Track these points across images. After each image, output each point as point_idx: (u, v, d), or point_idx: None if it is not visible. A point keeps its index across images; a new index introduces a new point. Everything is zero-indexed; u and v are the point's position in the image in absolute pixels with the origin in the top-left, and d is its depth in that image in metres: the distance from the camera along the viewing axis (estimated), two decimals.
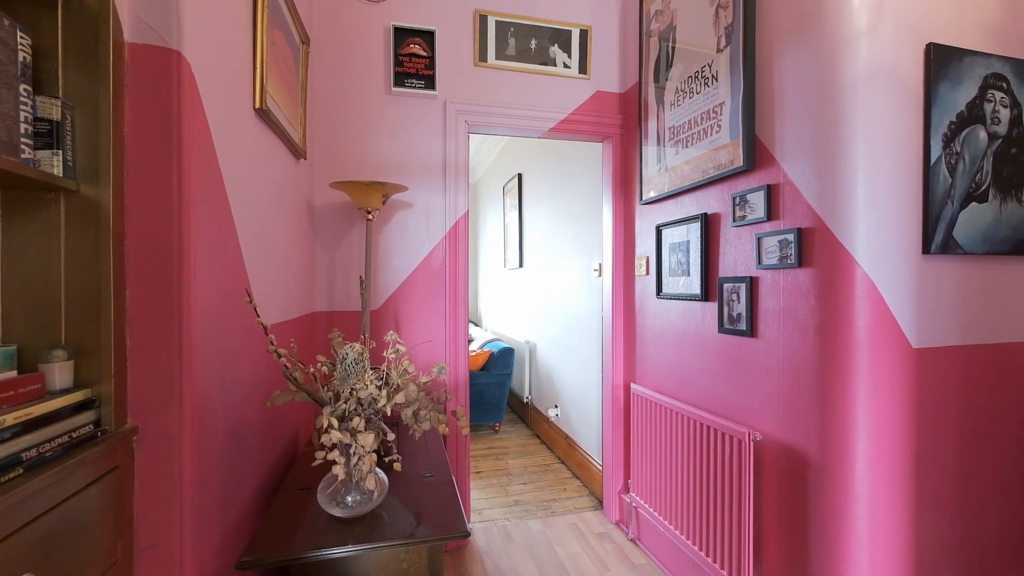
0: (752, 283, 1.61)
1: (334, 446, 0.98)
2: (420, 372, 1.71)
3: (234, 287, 1.17)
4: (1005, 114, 1.37)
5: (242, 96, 1.25)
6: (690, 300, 1.93)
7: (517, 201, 4.69)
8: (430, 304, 2.33)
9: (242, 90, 1.25)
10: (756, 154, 1.60)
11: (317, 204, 2.22)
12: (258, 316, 1.02)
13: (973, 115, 1.35)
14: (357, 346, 1.11)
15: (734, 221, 1.69)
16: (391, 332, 1.27)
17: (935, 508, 1.35)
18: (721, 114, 1.74)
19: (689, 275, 1.94)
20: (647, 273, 2.28)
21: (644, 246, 2.32)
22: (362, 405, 1.06)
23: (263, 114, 1.35)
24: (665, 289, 2.12)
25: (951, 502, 1.36)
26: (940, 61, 1.31)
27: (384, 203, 2.06)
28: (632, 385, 2.30)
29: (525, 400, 4.35)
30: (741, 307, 1.65)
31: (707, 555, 1.74)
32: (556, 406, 3.63)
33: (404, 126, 2.30)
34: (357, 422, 0.99)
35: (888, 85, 1.30)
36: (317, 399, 1.03)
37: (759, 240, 1.57)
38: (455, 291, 2.34)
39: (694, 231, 1.90)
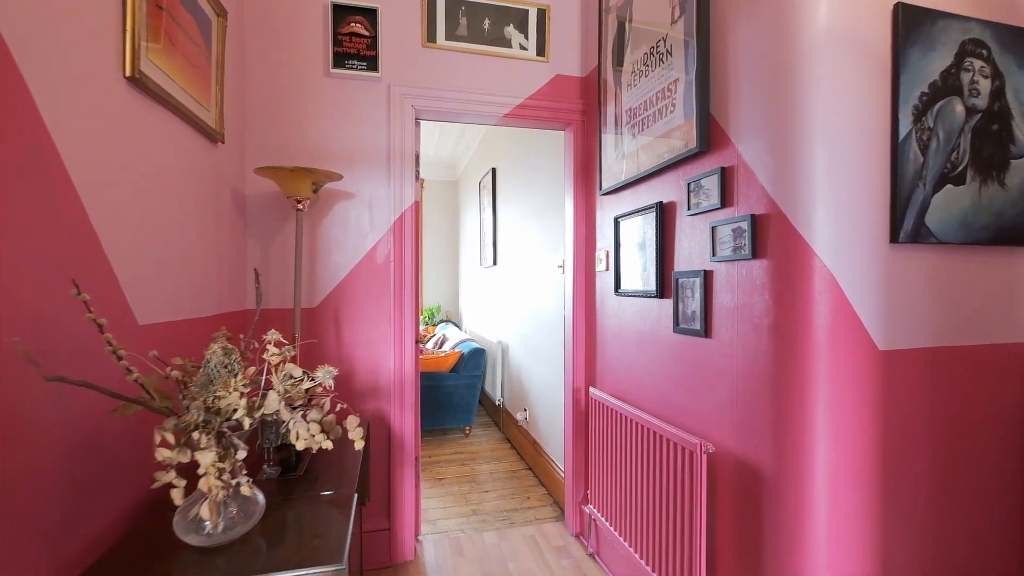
0: (707, 277, 1.45)
1: (173, 466, 0.81)
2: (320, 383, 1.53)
3: (83, 282, 0.99)
4: (985, 85, 1.22)
5: (103, 62, 1.08)
6: (646, 297, 1.77)
7: (491, 196, 4.52)
8: (374, 301, 2.15)
9: (103, 56, 1.08)
10: (711, 134, 1.44)
11: (249, 194, 2.04)
12: (90, 311, 0.85)
13: (948, 85, 1.19)
14: (216, 348, 0.94)
15: (689, 209, 1.53)
16: (272, 331, 1.09)
17: (905, 525, 1.19)
18: (675, 92, 1.57)
19: (646, 270, 1.78)
20: (607, 269, 2.12)
21: (604, 240, 2.16)
22: (220, 416, 0.88)
23: (139, 84, 1.17)
24: (623, 285, 1.96)
25: (923, 518, 1.21)
26: (910, 23, 1.15)
27: (316, 192, 1.89)
28: (591, 389, 2.14)
29: (497, 403, 4.18)
30: (695, 304, 1.49)
31: None
32: (525, 409, 3.46)
33: (345, 111, 2.13)
34: (198, 437, 0.82)
35: (850, 51, 1.14)
36: (152, 408, 0.86)
37: (713, 230, 1.41)
38: (401, 287, 2.17)
39: (649, 222, 1.74)
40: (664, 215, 1.67)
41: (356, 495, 1.22)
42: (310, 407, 1.06)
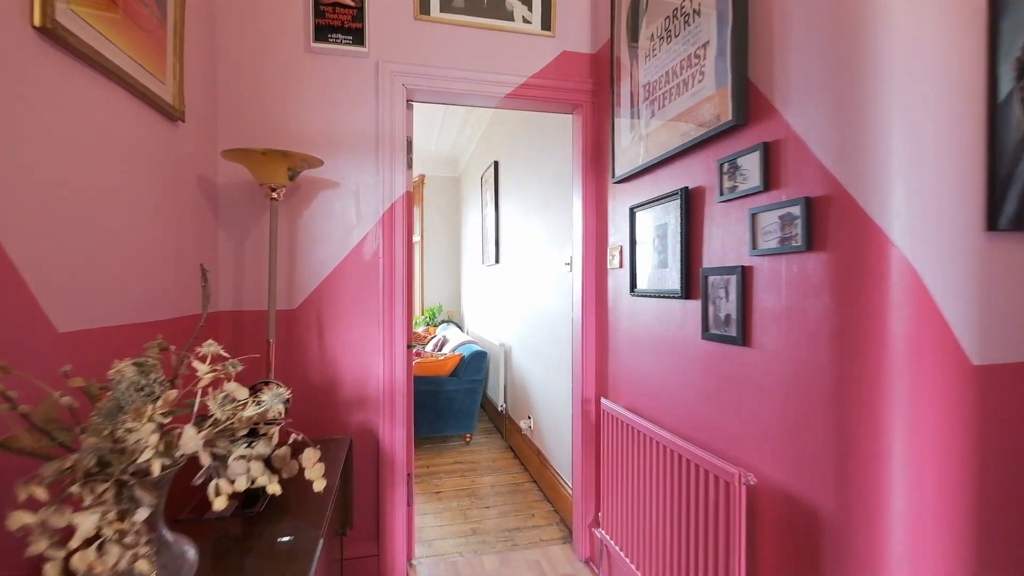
0: (744, 275, 1.22)
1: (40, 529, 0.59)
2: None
3: None
4: None
5: (3, 6, 0.87)
6: (668, 298, 1.55)
7: (493, 191, 4.30)
8: (361, 302, 1.94)
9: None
10: (749, 104, 1.21)
11: (221, 182, 1.83)
12: None
13: None
14: (126, 368, 0.72)
15: (721, 195, 1.30)
16: (209, 341, 0.88)
17: None
18: (705, 58, 1.34)
19: (667, 266, 1.55)
20: (620, 265, 1.89)
21: (617, 233, 1.93)
22: (124, 458, 0.67)
23: (56, 38, 0.96)
24: (640, 284, 1.73)
25: None
26: None
27: (293, 179, 1.67)
28: (603, 400, 1.91)
29: (500, 409, 3.96)
30: (730, 306, 1.26)
31: None
32: (529, 417, 3.24)
33: (328, 90, 1.91)
34: (78, 491, 0.60)
35: None
36: (16, 449, 0.64)
37: (753, 217, 1.18)
38: (391, 286, 1.95)
39: (673, 211, 1.52)
40: (690, 203, 1.45)
41: (322, 540, 1.00)
42: (260, 437, 0.84)
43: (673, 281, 1.51)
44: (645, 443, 1.59)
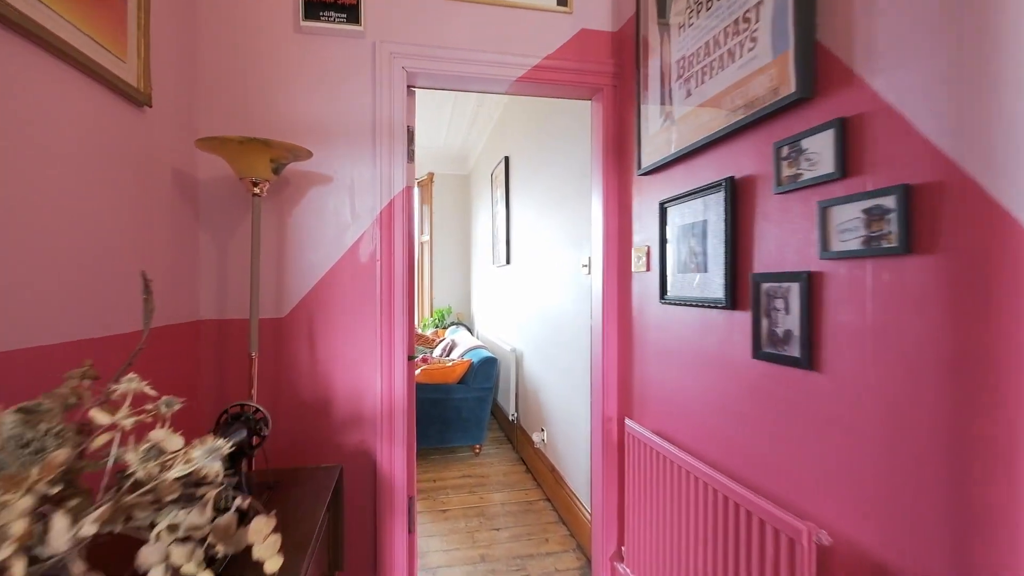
0: (811, 282, 0.99)
1: None
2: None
3: None
4: None
5: None
6: (709, 307, 1.32)
7: (504, 188, 4.09)
8: (357, 310, 1.74)
9: None
10: (818, 72, 0.99)
11: (202, 177, 1.64)
12: None
13: None
14: (5, 417, 0.52)
15: (779, 185, 1.08)
16: (130, 376, 0.68)
17: None
18: (757, 20, 1.12)
19: (707, 271, 1.33)
20: (647, 268, 1.67)
21: (644, 232, 1.71)
22: None
23: None
24: (672, 291, 1.51)
25: None
26: None
27: (277, 172, 1.48)
28: (627, 422, 1.70)
29: (511, 418, 3.76)
30: (791, 321, 1.04)
31: None
32: (542, 429, 3.03)
33: (319, 74, 1.72)
34: None
35: None
36: None
37: (824, 212, 0.96)
38: (389, 292, 1.75)
39: (714, 206, 1.29)
40: (738, 195, 1.22)
41: None
42: (195, 501, 0.64)
43: (715, 288, 1.29)
44: (680, 476, 1.37)
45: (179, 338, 1.52)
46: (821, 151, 0.97)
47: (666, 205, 1.53)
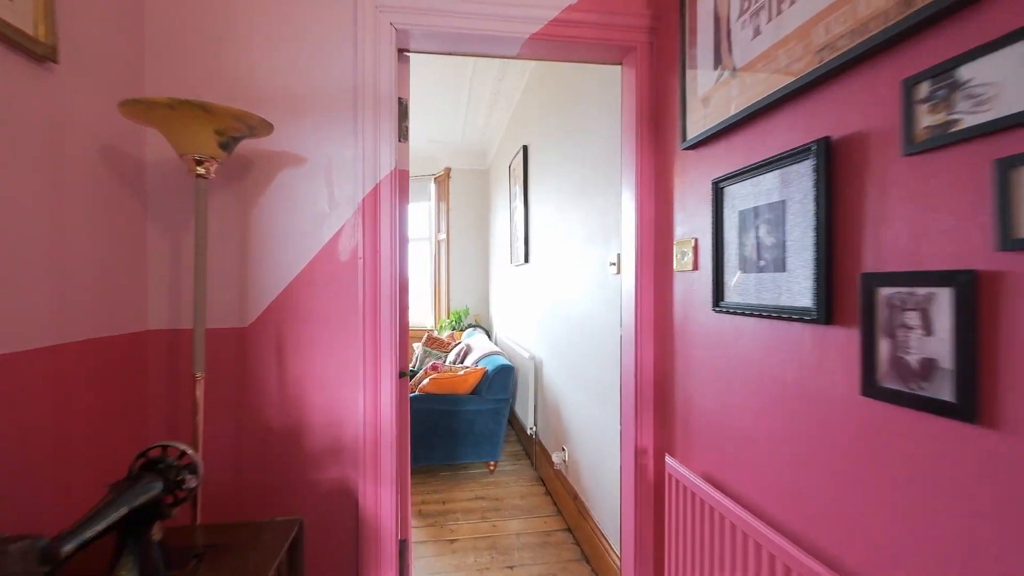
0: (977, 287, 0.63)
1: None
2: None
3: None
4: None
5: None
6: (788, 319, 0.96)
7: (523, 181, 3.76)
8: (336, 317, 1.44)
9: None
10: None
11: (150, 159, 1.37)
12: None
13: None
14: None
15: (913, 143, 0.72)
16: None
17: None
18: None
19: (784, 269, 0.97)
20: (694, 267, 1.32)
21: (689, 221, 1.35)
22: None
23: None
24: (730, 295, 1.15)
25: None
26: None
27: (227, 149, 1.18)
28: (668, 460, 1.34)
29: (529, 431, 3.42)
30: (936, 345, 0.68)
31: None
32: (563, 448, 2.68)
33: (287, 30, 1.42)
34: None
35: None
36: None
37: (1007, 176, 0.60)
38: (374, 295, 1.44)
39: (798, 180, 0.93)
40: (836, 162, 0.86)
41: None
42: None
43: (799, 293, 0.93)
44: (742, 543, 1.01)
45: (119, 353, 1.24)
46: (1001, 79, 0.61)
47: (722, 185, 1.18)
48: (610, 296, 1.94)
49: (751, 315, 1.07)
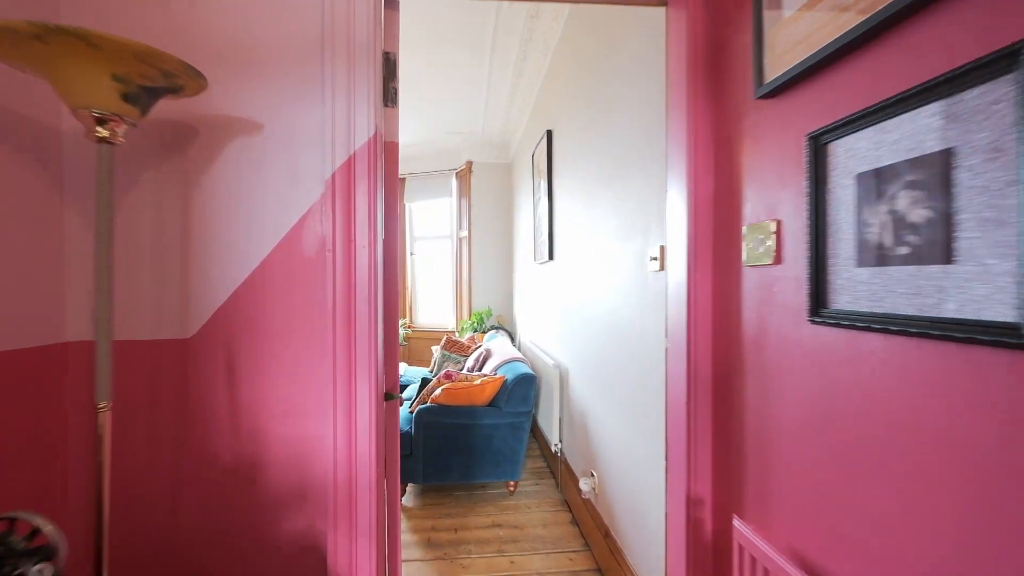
0: None
1: None
2: None
3: None
4: None
5: None
6: (964, 341, 0.59)
7: (547, 169, 3.41)
8: (301, 325, 1.14)
9: None
10: None
11: (67, 128, 1.09)
12: None
13: None
14: None
15: None
16: None
17: None
18: None
19: (953, 259, 0.60)
20: (776, 260, 0.94)
21: (767, 196, 0.98)
22: None
23: None
24: (841, 300, 0.78)
25: None
26: None
27: (137, 104, 0.88)
28: (738, 525, 0.98)
29: (554, 448, 3.07)
30: None
31: None
32: (592, 475, 2.32)
33: None
34: None
35: None
36: None
37: None
38: (349, 300, 1.13)
39: (985, 111, 0.56)
40: None
41: None
42: None
43: (987, 298, 0.56)
44: None
45: (22, 370, 0.97)
46: None
47: (825, 139, 0.81)
48: (650, 298, 1.58)
49: (882, 331, 0.70)
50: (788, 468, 0.90)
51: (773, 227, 0.94)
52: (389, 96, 1.24)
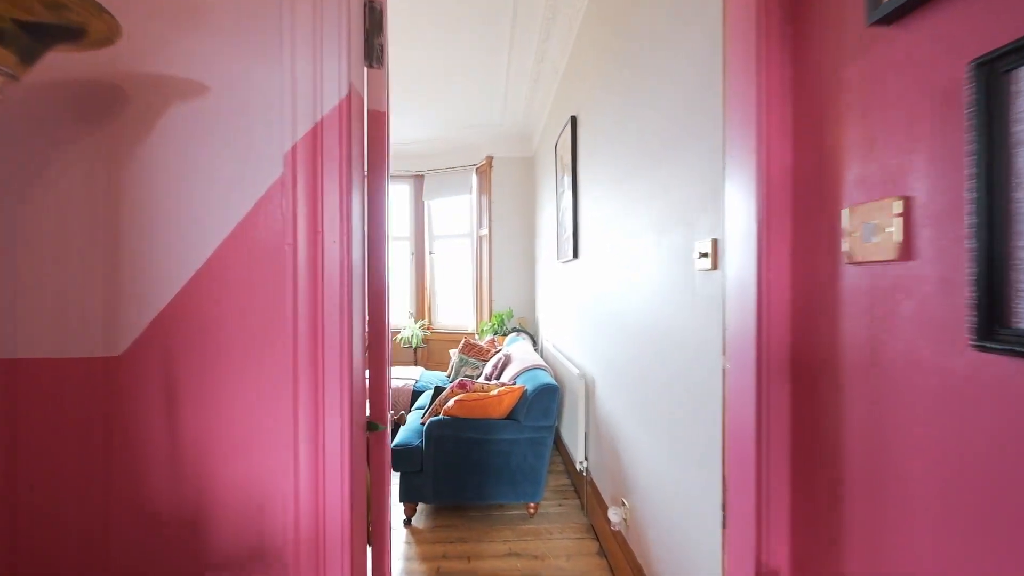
0: None
1: None
2: None
3: None
4: None
5: None
6: None
7: (571, 158, 3.13)
8: (257, 341, 0.90)
9: None
10: None
11: None
12: None
13: None
14: None
15: None
16: None
17: None
18: None
19: None
20: (904, 255, 0.65)
21: (887, 166, 0.68)
22: None
23: None
24: None
25: None
26: None
27: (17, 49, 0.66)
28: None
29: (579, 467, 2.79)
30: None
31: None
32: (623, 503, 2.04)
33: None
34: None
35: None
36: None
37: None
38: (316, 305, 0.88)
39: None
40: None
41: None
42: None
43: None
44: None
45: None
46: None
47: (1010, 64, 0.51)
48: (699, 304, 1.28)
49: None
50: (918, 549, 0.61)
51: (899, 207, 0.65)
52: (374, 54, 1.00)
